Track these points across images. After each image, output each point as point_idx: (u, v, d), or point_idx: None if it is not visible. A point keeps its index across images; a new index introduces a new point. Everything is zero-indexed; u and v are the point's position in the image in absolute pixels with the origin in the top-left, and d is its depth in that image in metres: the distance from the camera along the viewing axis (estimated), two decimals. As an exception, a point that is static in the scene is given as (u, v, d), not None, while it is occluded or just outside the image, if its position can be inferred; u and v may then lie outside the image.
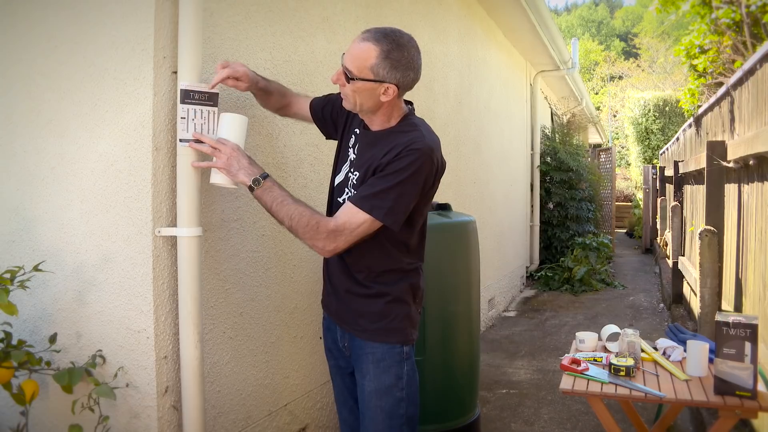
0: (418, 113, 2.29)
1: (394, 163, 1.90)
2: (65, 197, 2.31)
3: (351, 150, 2.14)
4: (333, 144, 3.24)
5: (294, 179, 2.95)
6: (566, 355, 2.77)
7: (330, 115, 2.32)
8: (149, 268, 2.18)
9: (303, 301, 3.04)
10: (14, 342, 2.19)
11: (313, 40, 3.09)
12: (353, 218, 1.90)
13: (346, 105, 2.03)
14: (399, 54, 1.93)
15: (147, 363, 2.20)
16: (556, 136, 9.96)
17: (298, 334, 3.01)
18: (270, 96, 2.38)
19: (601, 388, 2.47)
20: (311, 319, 3.11)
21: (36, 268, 2.17)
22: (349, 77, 1.91)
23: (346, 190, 2.07)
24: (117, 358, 2.25)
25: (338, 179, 2.14)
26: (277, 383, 2.86)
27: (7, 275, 2.09)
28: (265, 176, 1.97)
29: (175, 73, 2.21)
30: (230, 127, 2.12)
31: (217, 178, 2.09)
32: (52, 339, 2.26)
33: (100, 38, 2.24)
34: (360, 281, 2.06)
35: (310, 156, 3.08)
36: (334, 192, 2.16)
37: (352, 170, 2.07)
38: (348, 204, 1.93)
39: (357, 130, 2.14)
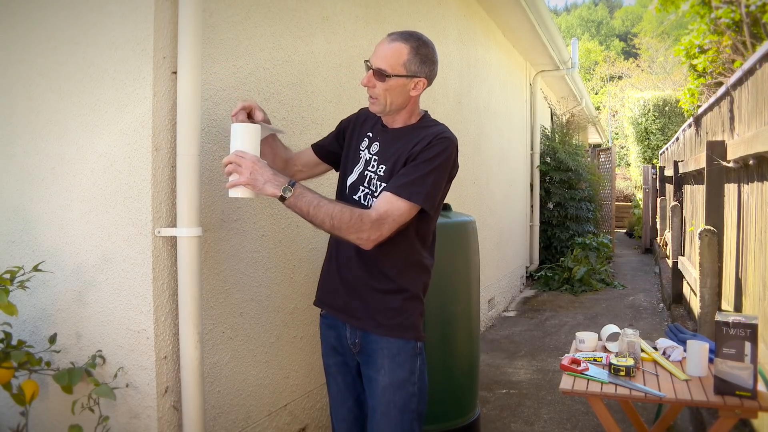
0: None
1: (426, 151, 2.00)
2: (65, 197, 2.31)
3: (364, 151, 2.18)
4: (333, 144, 3.25)
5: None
6: (566, 355, 2.77)
7: (335, 143, 2.33)
8: (149, 269, 2.18)
9: (303, 302, 3.04)
10: (14, 342, 2.19)
11: (313, 40, 3.09)
12: (393, 206, 1.96)
13: (376, 108, 2.10)
14: (426, 50, 2.10)
15: (147, 363, 2.20)
16: (556, 136, 9.96)
17: (298, 334, 3.01)
18: (276, 152, 2.34)
19: (601, 388, 2.47)
20: (311, 320, 3.10)
21: (36, 269, 2.17)
22: (385, 75, 2.02)
23: (362, 187, 2.13)
24: (117, 358, 2.25)
25: (351, 179, 2.17)
26: (277, 383, 2.86)
27: (7, 275, 2.09)
28: (293, 183, 1.95)
29: (175, 73, 2.21)
30: (243, 137, 1.99)
31: (237, 191, 1.96)
32: (52, 339, 2.26)
33: (100, 39, 2.24)
34: (384, 277, 2.09)
35: (309, 156, 3.07)
36: (347, 191, 2.18)
37: (372, 166, 2.12)
38: (386, 194, 1.98)
39: (370, 133, 2.21)
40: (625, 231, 16.67)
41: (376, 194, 2.07)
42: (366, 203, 2.09)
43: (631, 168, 19.91)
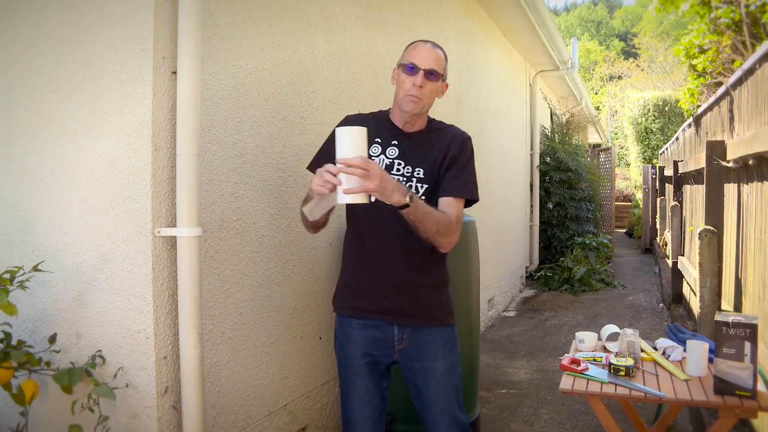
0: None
1: (463, 152, 2.23)
2: (65, 197, 2.31)
3: (379, 157, 2.21)
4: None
5: (294, 179, 2.95)
6: (566, 355, 2.77)
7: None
8: (149, 269, 2.18)
9: (302, 302, 3.04)
10: (14, 342, 2.19)
11: (313, 40, 3.09)
12: (459, 208, 2.18)
13: (416, 108, 2.17)
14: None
15: (147, 363, 2.20)
16: (556, 136, 9.96)
17: (298, 334, 3.01)
18: None
19: (601, 388, 2.47)
20: (311, 320, 3.11)
21: (35, 269, 2.17)
22: (438, 76, 2.17)
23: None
24: (117, 358, 2.25)
25: None
26: (277, 383, 2.86)
27: (7, 275, 2.09)
28: (410, 191, 2.00)
29: (175, 73, 2.21)
30: (354, 142, 1.89)
31: (354, 197, 1.87)
32: (52, 339, 2.26)
33: (100, 38, 2.24)
34: (432, 274, 2.25)
35: (309, 156, 3.05)
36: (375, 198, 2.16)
37: (398, 170, 2.19)
38: (449, 198, 2.16)
39: (379, 139, 2.23)
40: (624, 231, 16.67)
41: (419, 195, 2.16)
42: None
43: (631, 168, 19.91)
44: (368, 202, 1.92)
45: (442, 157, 2.19)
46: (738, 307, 3.74)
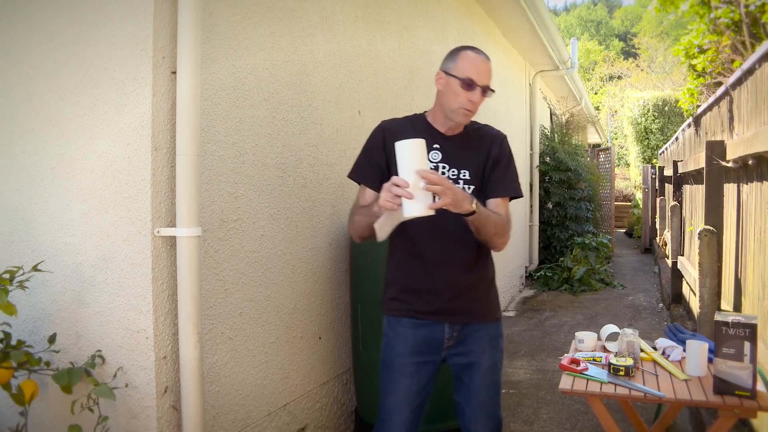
0: (418, 113, 2.35)
1: (503, 152, 2.29)
2: (64, 197, 2.31)
3: None
4: (333, 144, 3.26)
5: (294, 179, 2.95)
6: (565, 354, 2.77)
7: (382, 170, 2.22)
8: (148, 269, 2.18)
9: (302, 302, 3.04)
10: (13, 342, 2.19)
11: (312, 40, 3.09)
12: (507, 207, 2.27)
13: (468, 119, 2.22)
14: None
15: (146, 363, 2.20)
16: (555, 135, 9.95)
17: (298, 334, 3.01)
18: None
19: (601, 388, 2.47)
20: (310, 320, 3.11)
21: (35, 269, 2.17)
22: (490, 90, 2.20)
23: None
24: (116, 358, 2.25)
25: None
26: (277, 383, 2.86)
27: (7, 275, 2.09)
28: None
29: (174, 73, 2.21)
30: (417, 155, 1.88)
31: (414, 210, 1.85)
32: (52, 339, 2.26)
33: (100, 39, 2.24)
34: (480, 270, 2.28)
35: (309, 156, 3.08)
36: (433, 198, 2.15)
37: (443, 173, 2.19)
38: (498, 200, 2.23)
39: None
40: (624, 231, 16.66)
41: None
42: None
43: (631, 168, 19.90)
44: (431, 215, 1.90)
45: (485, 159, 2.25)
46: (738, 307, 3.74)
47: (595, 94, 30.79)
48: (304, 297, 3.05)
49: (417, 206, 1.84)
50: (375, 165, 2.23)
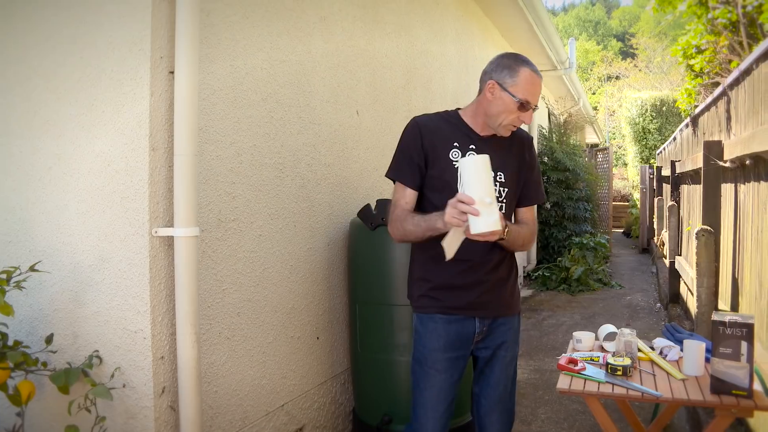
0: (415, 113, 2.36)
1: (534, 156, 2.37)
2: (62, 197, 2.31)
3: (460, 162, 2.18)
4: (330, 144, 3.26)
5: (291, 179, 2.95)
6: (563, 354, 2.77)
7: (422, 170, 2.22)
8: (146, 269, 2.18)
9: (300, 302, 3.04)
10: (10, 342, 2.19)
11: (310, 40, 3.09)
12: (535, 212, 2.40)
13: (509, 133, 2.24)
14: None
15: (144, 363, 2.20)
16: (554, 135, 9.96)
17: (295, 334, 3.01)
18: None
19: (598, 388, 2.47)
20: (308, 320, 3.11)
21: (32, 269, 2.17)
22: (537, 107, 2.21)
23: None
24: (114, 358, 2.24)
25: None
26: (274, 383, 2.86)
27: (4, 275, 2.09)
28: None
29: (172, 73, 2.21)
30: (482, 170, 1.89)
31: (482, 226, 1.86)
32: (49, 339, 2.26)
33: (98, 39, 2.24)
34: (507, 267, 2.34)
35: (307, 156, 3.08)
36: None
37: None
38: (529, 207, 2.36)
39: (457, 143, 2.22)
40: (622, 231, 16.68)
41: (501, 199, 2.24)
42: None
43: (629, 168, 19.92)
44: (500, 230, 1.91)
45: (520, 162, 2.30)
46: (735, 306, 3.74)
47: (593, 94, 30.80)
48: (302, 297, 3.05)
49: (484, 222, 1.85)
50: (414, 164, 2.21)
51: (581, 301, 7.64)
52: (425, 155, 2.19)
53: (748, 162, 3.33)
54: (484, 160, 1.89)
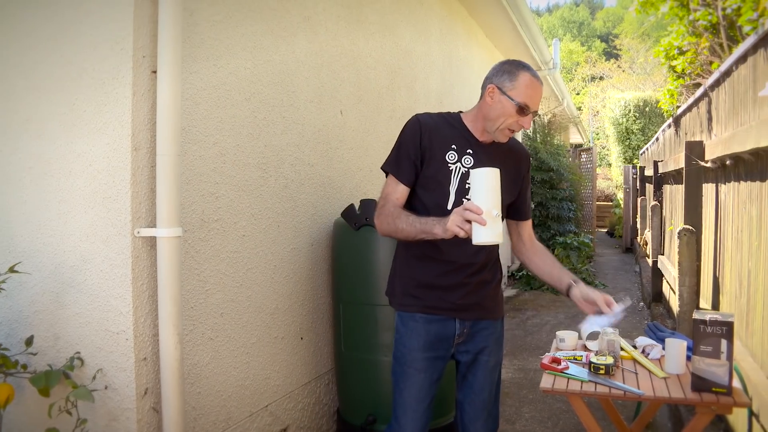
0: (400, 113, 2.36)
1: (529, 171, 2.39)
2: (42, 198, 2.29)
3: (455, 164, 2.19)
4: (314, 144, 3.25)
5: (275, 179, 2.94)
6: (546, 354, 2.78)
7: (416, 166, 2.21)
8: (128, 269, 2.17)
9: (284, 302, 3.03)
10: (-10, 344, 2.17)
11: (294, 40, 3.08)
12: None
13: (507, 138, 2.22)
14: None
15: (126, 365, 2.19)
16: (537, 136, 10.01)
17: (279, 335, 3.00)
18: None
19: (581, 387, 2.49)
20: (292, 320, 3.10)
21: (12, 270, 2.15)
22: (537, 113, 2.22)
23: (466, 200, 2.17)
24: (95, 360, 2.23)
25: (452, 195, 2.18)
26: (258, 384, 2.85)
27: (-17, 277, 2.07)
28: None
29: (155, 72, 2.20)
30: (492, 182, 1.91)
31: (486, 236, 1.86)
32: (29, 341, 2.24)
33: (78, 37, 2.22)
34: (492, 270, 2.35)
35: (291, 156, 3.07)
36: (450, 206, 2.17)
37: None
38: (528, 221, 2.45)
39: (455, 146, 2.21)
40: (605, 230, 16.79)
41: None
42: None
43: (612, 168, 20.05)
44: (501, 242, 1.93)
45: (515, 176, 2.31)
46: (716, 305, 3.78)
47: (577, 94, 30.99)
48: (285, 297, 3.04)
49: (489, 233, 1.85)
50: (410, 161, 2.20)
51: (565, 300, 7.65)
52: (422, 153, 2.19)
53: (728, 162, 3.36)
54: (495, 173, 1.91)
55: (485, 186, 1.89)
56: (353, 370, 3.15)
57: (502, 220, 2.18)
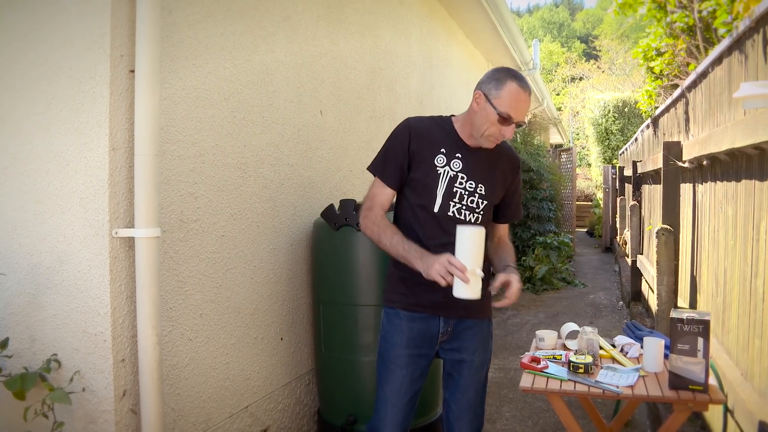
0: (380, 113, 2.36)
1: (518, 176, 2.41)
2: (18, 198, 2.26)
3: (444, 168, 2.21)
4: (294, 144, 3.24)
5: (254, 179, 2.93)
6: (526, 353, 2.80)
7: (403, 171, 2.23)
8: (106, 270, 2.15)
9: (263, 303, 3.02)
10: (-36, 347, 2.14)
11: (274, 39, 3.07)
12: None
13: (492, 146, 2.23)
14: None
15: (104, 366, 2.17)
16: (518, 136, 10.05)
17: (259, 335, 2.99)
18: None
19: (560, 386, 2.51)
20: (272, 321, 3.09)
21: (-13, 271, 2.12)
22: (524, 123, 2.23)
23: (453, 202, 2.22)
24: (73, 362, 2.20)
25: (440, 198, 2.21)
26: (238, 385, 2.84)
27: (-43, 278, 2.04)
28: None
29: (133, 71, 2.18)
30: (478, 243, 2.02)
31: (465, 293, 2.00)
32: (4, 344, 2.21)
33: (55, 36, 2.19)
34: (487, 272, 2.35)
35: (270, 156, 3.06)
36: (438, 209, 2.21)
37: (461, 183, 2.23)
38: (506, 225, 2.48)
39: (444, 149, 2.22)
40: (585, 230, 16.90)
41: (478, 210, 2.26)
42: (464, 217, 2.24)
43: (592, 168, 20.19)
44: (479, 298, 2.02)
45: (503, 180, 2.34)
46: (693, 303, 3.82)
47: (557, 95, 31.18)
48: (265, 298, 3.03)
49: (469, 290, 1.98)
50: (398, 165, 2.22)
51: (545, 299, 7.73)
52: (410, 158, 2.21)
53: (705, 162, 3.40)
54: (481, 233, 2.01)
55: (471, 245, 1.99)
56: (333, 371, 3.15)
57: (479, 219, 2.26)
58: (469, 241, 2.00)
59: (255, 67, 2.92)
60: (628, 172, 8.42)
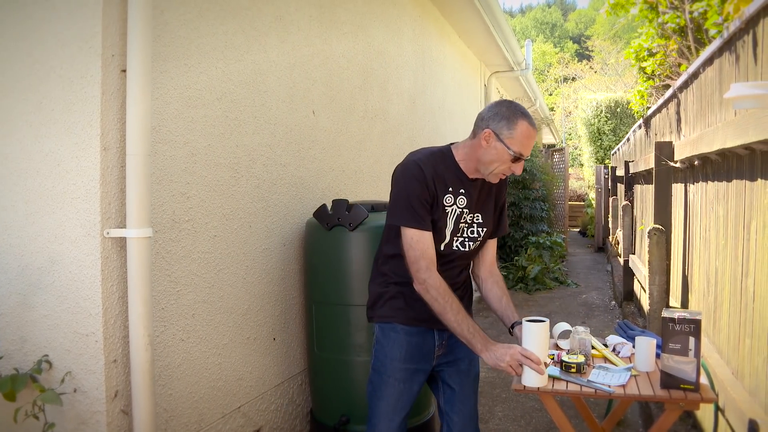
0: (372, 114, 2.38)
1: (505, 193, 2.45)
2: (9, 198, 2.25)
3: (451, 207, 2.23)
4: (286, 144, 3.24)
5: (247, 179, 2.92)
6: (519, 352, 2.80)
7: (431, 212, 2.21)
8: (97, 270, 2.14)
9: (256, 303, 3.01)
10: (-45, 348, 2.13)
11: (266, 39, 3.07)
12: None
13: (499, 178, 2.26)
14: None
15: (96, 367, 2.16)
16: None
17: (251, 335, 2.99)
18: None
19: (553, 385, 2.51)
20: (264, 321, 3.08)
21: (-22, 272, 2.11)
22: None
23: (456, 237, 2.27)
24: (64, 362, 2.20)
25: (447, 238, 2.25)
26: (230, 385, 2.84)
27: (-53, 279, 2.02)
28: None
29: (124, 71, 2.17)
30: (545, 335, 2.24)
31: (537, 381, 2.23)
32: (-5, 344, 2.20)
33: (46, 35, 2.18)
34: (471, 287, 2.51)
35: (263, 156, 3.06)
36: (443, 248, 2.25)
37: (464, 218, 2.27)
38: (494, 240, 2.48)
39: (451, 188, 2.22)
40: (578, 230, 16.96)
41: (479, 239, 2.33)
42: (467, 249, 2.31)
43: (584, 168, 20.26)
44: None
45: (496, 201, 2.39)
46: (685, 303, 3.84)
47: (550, 95, 31.27)
48: (257, 298, 3.03)
49: (540, 378, 2.21)
50: (426, 209, 2.17)
51: (538, 299, 7.75)
52: (432, 199, 2.18)
53: (696, 162, 3.42)
54: (546, 327, 2.21)
55: (540, 340, 2.19)
56: (326, 371, 3.15)
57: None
58: (537, 336, 2.18)
59: (247, 67, 2.92)
60: (620, 172, 8.45)
